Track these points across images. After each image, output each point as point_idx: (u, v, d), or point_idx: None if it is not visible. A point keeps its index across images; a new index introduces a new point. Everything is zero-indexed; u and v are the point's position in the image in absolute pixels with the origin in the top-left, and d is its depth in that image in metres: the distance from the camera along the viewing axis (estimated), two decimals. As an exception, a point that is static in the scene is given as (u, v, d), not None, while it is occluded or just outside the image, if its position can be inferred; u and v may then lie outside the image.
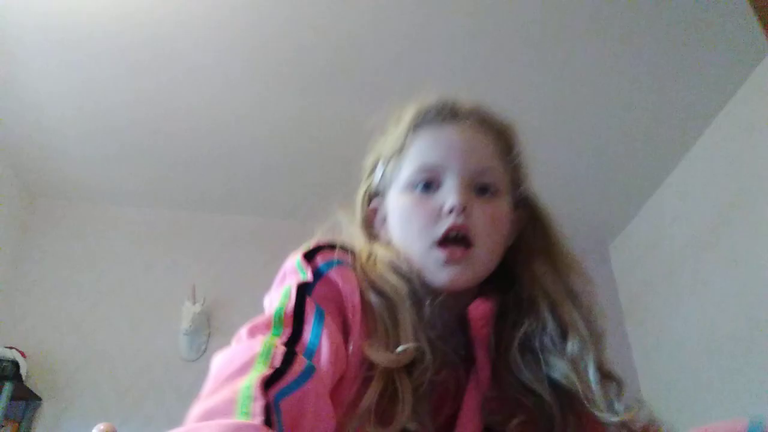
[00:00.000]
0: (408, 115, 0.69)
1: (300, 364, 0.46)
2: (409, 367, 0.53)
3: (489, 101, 2.34)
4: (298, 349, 0.50)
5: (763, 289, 2.15)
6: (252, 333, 0.51)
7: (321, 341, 0.51)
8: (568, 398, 0.56)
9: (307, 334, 0.51)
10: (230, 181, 2.85)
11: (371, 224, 0.69)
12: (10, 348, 2.39)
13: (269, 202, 2.95)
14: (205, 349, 2.63)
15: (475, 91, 2.46)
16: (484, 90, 2.33)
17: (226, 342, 0.50)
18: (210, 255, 2.89)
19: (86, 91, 2.36)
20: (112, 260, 2.83)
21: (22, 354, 2.41)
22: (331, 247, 0.60)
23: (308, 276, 0.56)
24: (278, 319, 0.52)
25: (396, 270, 0.59)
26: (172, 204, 2.98)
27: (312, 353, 0.50)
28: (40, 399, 2.45)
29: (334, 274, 0.57)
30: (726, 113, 2.37)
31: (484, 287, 0.63)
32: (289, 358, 0.46)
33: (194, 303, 2.65)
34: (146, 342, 2.63)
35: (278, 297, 0.55)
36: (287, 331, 0.51)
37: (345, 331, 0.55)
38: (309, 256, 0.58)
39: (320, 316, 0.52)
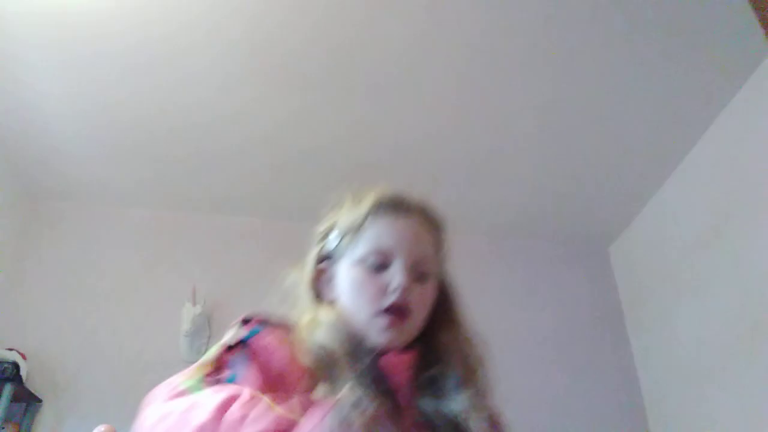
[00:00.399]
0: (368, 201, 0.82)
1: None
2: None
3: (487, 101, 2.35)
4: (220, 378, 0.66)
5: (763, 289, 2.15)
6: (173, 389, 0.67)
7: (238, 381, 0.65)
8: (457, 426, 0.71)
9: (227, 374, 0.67)
10: (231, 182, 2.85)
11: (317, 283, 0.82)
12: (11, 349, 2.40)
13: (270, 203, 2.95)
14: (206, 350, 2.62)
15: (474, 90, 2.47)
16: (483, 90, 2.34)
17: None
18: (210, 256, 2.89)
19: (86, 92, 2.36)
20: (113, 261, 2.83)
21: (23, 355, 2.41)
22: (261, 320, 0.75)
23: (239, 336, 0.72)
24: (201, 365, 0.68)
25: (337, 330, 0.72)
26: (173, 205, 2.98)
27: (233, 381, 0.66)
28: (40, 400, 2.45)
29: (258, 339, 0.72)
30: (726, 113, 2.37)
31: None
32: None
33: (195, 304, 2.65)
34: (147, 343, 2.63)
35: (204, 357, 0.71)
36: (209, 369, 0.67)
37: (276, 385, 0.67)
38: (245, 321, 0.75)
39: (241, 366, 0.68)
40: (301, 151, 2.65)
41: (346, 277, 0.78)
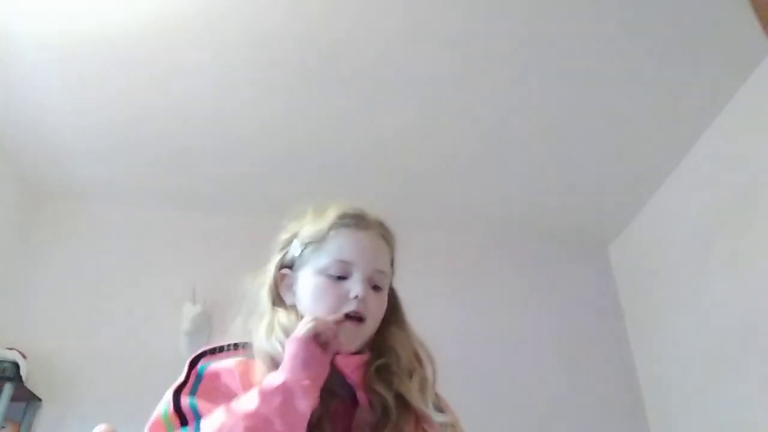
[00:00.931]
0: (331, 214, 0.89)
1: None
2: None
3: (486, 99, 2.34)
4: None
5: (763, 289, 2.15)
6: None
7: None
8: (407, 406, 0.80)
9: (192, 425, 0.72)
10: (231, 181, 2.85)
11: (277, 288, 0.89)
12: (11, 349, 2.39)
13: (270, 202, 2.95)
14: (206, 350, 2.63)
15: (472, 88, 2.46)
16: (481, 88, 2.33)
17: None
18: (210, 255, 2.89)
19: (87, 91, 2.36)
20: (112, 260, 2.83)
21: (23, 355, 2.41)
22: (213, 350, 0.83)
23: (184, 379, 0.80)
24: (167, 421, 0.74)
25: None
26: (172, 204, 2.98)
27: None
28: (40, 400, 2.45)
29: (211, 370, 0.79)
30: (726, 113, 2.37)
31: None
32: None
33: (195, 303, 2.65)
34: (147, 343, 2.62)
35: (162, 403, 0.77)
36: (177, 424, 0.73)
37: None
38: (193, 362, 0.82)
39: (195, 410, 0.74)
40: (303, 149, 2.65)
41: (307, 284, 0.85)
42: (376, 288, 0.85)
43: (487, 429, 2.64)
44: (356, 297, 0.81)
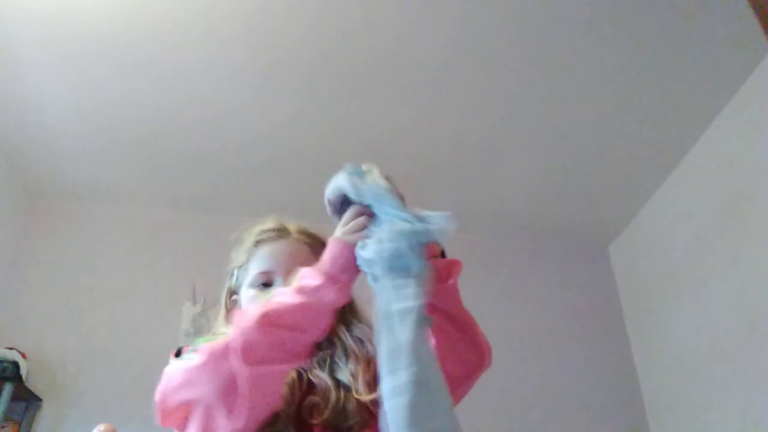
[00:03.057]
0: (252, 235, 0.99)
1: None
2: None
3: (487, 102, 2.34)
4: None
5: (763, 289, 2.15)
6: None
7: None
8: (346, 388, 0.84)
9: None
10: (231, 181, 2.85)
11: (231, 314, 0.96)
12: (11, 348, 2.40)
13: (270, 202, 2.95)
14: (206, 349, 2.63)
15: (473, 91, 2.45)
16: (480, 90, 2.33)
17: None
18: (210, 255, 2.88)
19: (86, 91, 2.36)
20: (112, 260, 2.83)
21: (23, 354, 2.41)
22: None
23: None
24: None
25: None
26: (173, 204, 2.98)
27: None
28: (40, 399, 2.45)
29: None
30: (726, 113, 2.37)
31: None
32: None
33: (194, 303, 2.65)
34: (146, 343, 2.62)
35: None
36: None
37: None
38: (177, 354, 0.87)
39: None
40: (301, 149, 2.65)
41: (244, 300, 0.94)
42: None
43: (487, 428, 2.64)
44: None
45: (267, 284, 0.91)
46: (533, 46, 2.15)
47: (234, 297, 0.99)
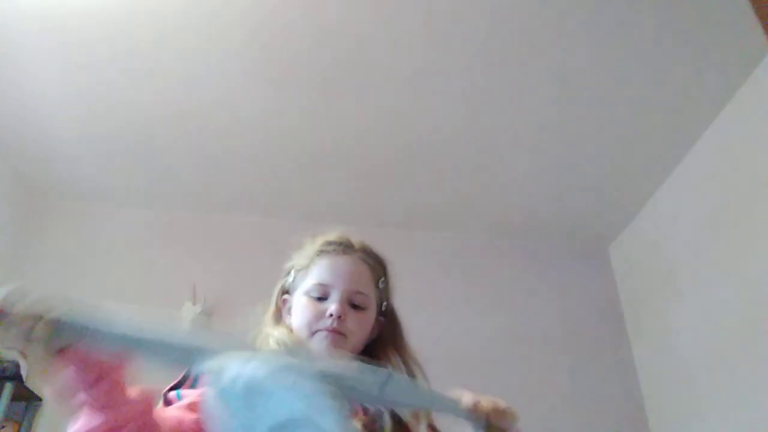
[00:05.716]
0: (318, 243, 1.00)
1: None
2: None
3: (490, 102, 2.35)
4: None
5: (763, 289, 2.15)
6: None
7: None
8: (398, 419, 0.86)
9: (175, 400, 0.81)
10: (231, 181, 2.85)
11: (280, 312, 1.00)
12: (11, 348, 2.39)
13: (270, 202, 2.95)
14: (206, 349, 2.63)
15: (470, 90, 2.46)
16: (479, 90, 2.33)
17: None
18: (210, 255, 2.89)
19: (86, 92, 2.36)
20: (112, 260, 2.83)
21: (23, 354, 2.41)
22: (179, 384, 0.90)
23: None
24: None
25: (282, 344, 0.90)
26: (172, 204, 2.98)
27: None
28: (40, 399, 2.45)
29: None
30: (726, 113, 2.37)
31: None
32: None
33: (195, 303, 2.65)
34: (146, 342, 2.62)
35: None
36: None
37: None
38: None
39: (179, 397, 0.82)
40: (300, 150, 2.65)
41: (296, 305, 0.97)
42: (355, 307, 0.94)
43: (487, 429, 2.64)
44: (331, 315, 0.91)
45: (322, 298, 0.94)
46: (531, 46, 2.15)
47: (285, 296, 1.01)
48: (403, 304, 1.05)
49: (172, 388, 0.83)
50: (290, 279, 1.01)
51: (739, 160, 2.32)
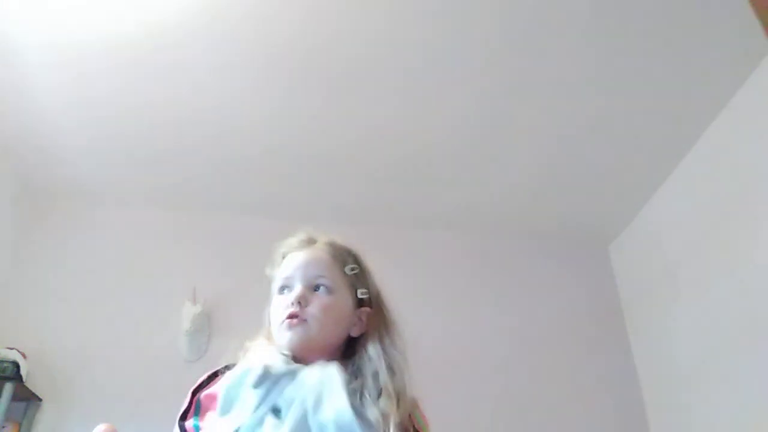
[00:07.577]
0: (282, 246, 1.02)
1: None
2: None
3: (487, 102, 2.34)
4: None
5: (763, 289, 2.15)
6: None
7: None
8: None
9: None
10: (231, 181, 2.85)
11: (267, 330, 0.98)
12: (11, 348, 2.40)
13: (270, 202, 2.95)
14: (206, 349, 2.63)
15: (470, 90, 2.46)
16: (479, 90, 2.33)
17: (226, 343, 0.52)
18: (210, 255, 2.89)
19: (87, 92, 2.36)
20: (112, 260, 2.83)
21: (23, 354, 2.41)
22: (210, 378, 0.92)
23: (186, 406, 0.89)
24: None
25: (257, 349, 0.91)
26: (172, 204, 2.98)
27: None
28: (40, 399, 2.45)
29: (207, 393, 0.89)
30: (726, 113, 2.37)
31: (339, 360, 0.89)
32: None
33: (195, 303, 2.65)
34: (147, 343, 2.63)
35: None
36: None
37: None
38: (195, 391, 0.90)
39: (197, 429, 0.85)
40: (299, 153, 2.65)
41: (272, 307, 0.96)
42: (317, 288, 0.93)
43: (487, 428, 2.64)
44: (292, 302, 0.90)
45: (286, 288, 0.94)
46: (530, 47, 2.15)
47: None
48: (403, 304, 1.04)
49: (183, 416, 0.86)
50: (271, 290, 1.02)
51: (738, 161, 2.32)
